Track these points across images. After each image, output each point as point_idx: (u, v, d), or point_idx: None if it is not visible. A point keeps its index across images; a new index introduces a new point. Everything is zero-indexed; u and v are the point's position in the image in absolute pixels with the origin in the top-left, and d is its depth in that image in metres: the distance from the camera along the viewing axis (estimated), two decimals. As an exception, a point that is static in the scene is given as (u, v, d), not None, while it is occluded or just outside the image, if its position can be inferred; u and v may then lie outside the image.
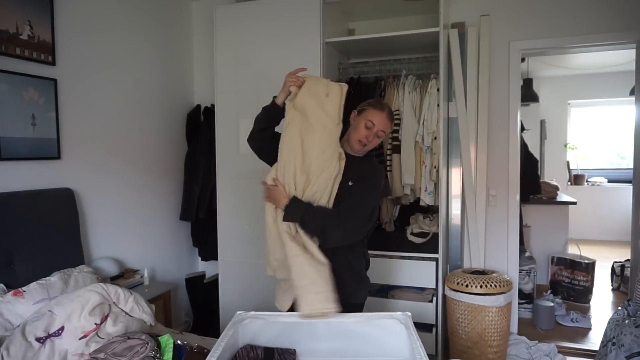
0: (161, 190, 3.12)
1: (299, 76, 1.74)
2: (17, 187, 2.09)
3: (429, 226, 2.69)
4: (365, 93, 2.75)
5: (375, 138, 1.74)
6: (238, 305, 2.49)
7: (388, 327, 1.46)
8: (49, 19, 2.24)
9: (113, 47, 2.68)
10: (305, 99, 1.69)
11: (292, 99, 1.72)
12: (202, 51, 3.42)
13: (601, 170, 6.74)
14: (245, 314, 1.51)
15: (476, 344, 2.52)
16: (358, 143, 1.74)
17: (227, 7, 2.84)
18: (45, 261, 2.08)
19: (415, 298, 2.67)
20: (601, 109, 6.67)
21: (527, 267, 3.53)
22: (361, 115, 1.77)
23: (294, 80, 1.72)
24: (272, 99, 1.81)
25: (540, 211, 4.26)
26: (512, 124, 2.94)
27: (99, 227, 2.58)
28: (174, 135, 3.26)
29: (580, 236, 5.64)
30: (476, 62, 2.90)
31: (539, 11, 2.85)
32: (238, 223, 2.85)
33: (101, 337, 1.67)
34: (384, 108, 1.76)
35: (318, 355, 1.42)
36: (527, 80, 4.96)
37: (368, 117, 1.73)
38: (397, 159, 2.68)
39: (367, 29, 3.05)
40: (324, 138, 1.67)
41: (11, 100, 2.07)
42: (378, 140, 1.76)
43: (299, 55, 2.67)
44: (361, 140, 1.73)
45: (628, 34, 2.70)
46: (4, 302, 1.74)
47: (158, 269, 3.06)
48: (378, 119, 1.72)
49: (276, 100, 1.78)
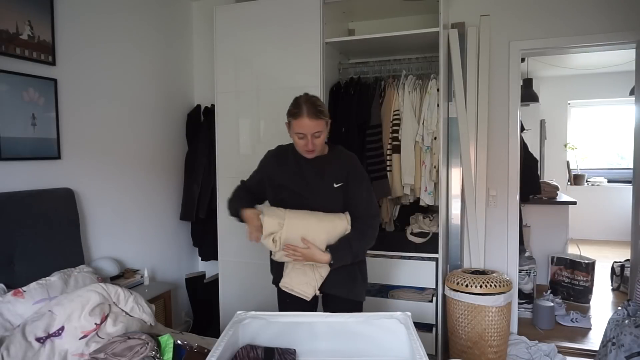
0: (161, 190, 3.12)
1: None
2: (17, 187, 2.09)
3: (429, 226, 2.69)
4: (366, 93, 2.75)
5: (314, 139, 1.68)
6: (238, 305, 2.50)
7: (388, 327, 1.46)
8: (49, 19, 2.24)
9: (113, 47, 2.68)
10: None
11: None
12: (202, 51, 3.42)
13: (601, 170, 6.74)
14: (245, 313, 1.51)
15: (476, 344, 2.52)
16: (306, 153, 1.73)
17: (227, 7, 2.84)
18: (45, 261, 2.08)
19: (415, 298, 2.67)
20: (601, 109, 6.67)
21: (527, 267, 3.53)
22: (290, 129, 1.74)
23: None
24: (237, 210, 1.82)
25: (540, 211, 4.26)
26: (512, 124, 2.94)
27: (99, 227, 2.58)
28: (174, 135, 3.26)
29: (580, 236, 5.64)
30: (476, 62, 2.90)
31: (539, 11, 2.85)
32: (238, 223, 2.84)
33: (101, 337, 1.67)
34: (301, 111, 1.65)
35: (318, 355, 1.42)
36: (527, 80, 4.96)
37: (295, 129, 1.69)
38: (397, 159, 2.68)
39: (367, 29, 3.05)
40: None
41: (11, 100, 2.07)
42: (320, 139, 1.70)
43: (299, 55, 2.67)
44: (306, 150, 1.71)
45: (628, 34, 2.70)
46: (4, 302, 1.74)
47: (158, 269, 3.06)
48: (303, 127, 1.65)
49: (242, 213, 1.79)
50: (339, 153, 1.84)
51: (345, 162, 1.80)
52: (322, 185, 1.76)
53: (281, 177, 1.82)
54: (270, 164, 1.87)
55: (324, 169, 1.77)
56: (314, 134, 1.66)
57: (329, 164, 1.78)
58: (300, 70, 2.67)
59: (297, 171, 1.80)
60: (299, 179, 1.79)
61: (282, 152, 1.87)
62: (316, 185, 1.77)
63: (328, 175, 1.76)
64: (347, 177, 1.76)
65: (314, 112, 1.65)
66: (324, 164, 1.78)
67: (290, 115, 1.71)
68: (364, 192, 1.77)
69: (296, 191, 1.78)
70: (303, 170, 1.79)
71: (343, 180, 1.76)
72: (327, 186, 1.75)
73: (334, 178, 1.75)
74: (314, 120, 1.65)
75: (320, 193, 1.76)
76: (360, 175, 1.80)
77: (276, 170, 1.84)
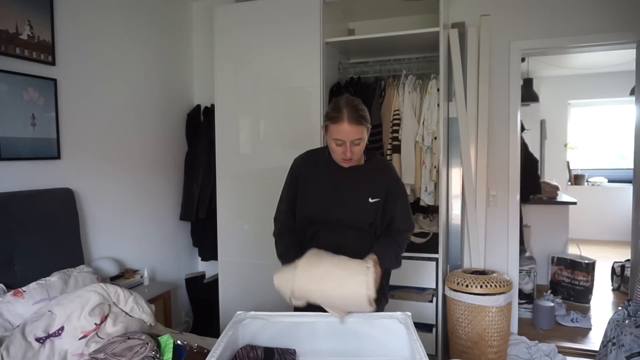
0: (161, 190, 3.12)
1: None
2: (17, 187, 2.09)
3: (429, 226, 2.69)
4: (365, 93, 2.75)
5: (353, 147, 1.54)
6: (238, 305, 2.49)
7: (388, 327, 1.46)
8: (49, 19, 2.24)
9: (113, 47, 2.68)
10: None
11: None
12: (202, 51, 3.42)
13: (601, 170, 6.74)
14: (245, 313, 1.50)
15: (476, 344, 2.52)
16: (342, 161, 1.59)
17: (227, 7, 2.84)
18: (45, 261, 2.08)
19: (415, 298, 2.67)
20: (601, 109, 6.66)
21: (527, 267, 3.53)
22: (327, 133, 1.58)
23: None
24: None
25: (540, 211, 4.26)
26: (512, 124, 2.94)
27: (99, 227, 2.58)
28: (174, 135, 3.26)
29: (580, 236, 5.64)
30: (476, 62, 2.90)
31: (539, 11, 2.85)
32: (238, 223, 2.85)
33: (101, 337, 1.67)
34: (341, 115, 1.50)
35: (318, 355, 1.42)
36: (527, 80, 4.96)
37: (333, 135, 1.54)
38: (397, 159, 2.67)
39: (367, 29, 3.05)
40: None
41: (11, 100, 2.07)
42: (359, 147, 1.56)
43: (299, 55, 2.67)
44: (343, 159, 1.58)
45: (628, 34, 2.70)
46: (4, 302, 1.74)
47: (158, 269, 3.06)
48: (343, 133, 1.51)
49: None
50: (378, 163, 1.70)
51: (385, 176, 1.67)
52: (356, 199, 1.63)
53: (311, 185, 1.68)
54: (302, 171, 1.71)
55: (360, 182, 1.64)
56: (354, 141, 1.52)
57: (366, 176, 1.65)
58: (300, 69, 2.67)
59: (329, 180, 1.66)
60: (331, 188, 1.65)
61: (312, 157, 1.73)
62: (349, 199, 1.63)
63: (365, 188, 1.63)
64: (386, 193, 1.65)
65: (355, 117, 1.50)
66: (360, 175, 1.64)
67: (329, 119, 1.55)
68: (403, 207, 1.68)
69: (323, 202, 1.65)
70: (337, 180, 1.65)
71: (381, 196, 1.63)
72: (361, 201, 1.62)
73: (371, 192, 1.63)
74: (355, 126, 1.50)
75: (353, 207, 1.63)
76: (402, 191, 1.69)
77: (307, 177, 1.69)
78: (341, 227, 1.67)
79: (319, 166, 1.69)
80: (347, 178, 1.65)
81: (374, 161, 1.71)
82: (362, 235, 1.68)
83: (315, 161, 1.71)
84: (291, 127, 2.71)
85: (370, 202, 1.63)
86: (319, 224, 1.68)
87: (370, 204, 1.63)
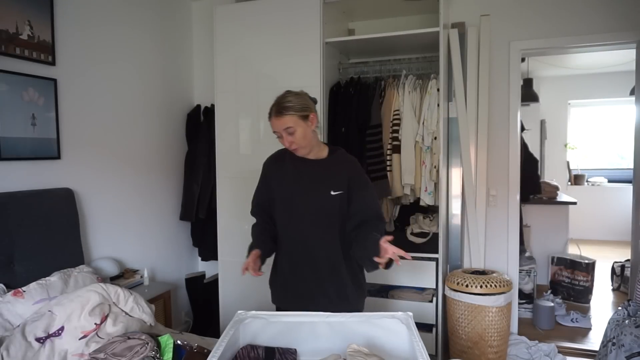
0: (161, 190, 3.12)
1: None
2: (17, 187, 2.08)
3: (429, 226, 2.69)
4: (365, 93, 2.75)
5: (289, 136, 1.64)
6: (238, 305, 2.49)
7: (389, 327, 1.46)
8: (49, 19, 2.24)
9: (113, 47, 2.68)
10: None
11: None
12: (202, 51, 3.42)
13: (601, 170, 6.74)
14: (245, 313, 1.50)
15: (476, 344, 2.52)
16: (294, 151, 1.69)
17: (226, 7, 2.84)
18: (45, 261, 2.08)
19: (415, 298, 2.67)
20: (601, 109, 6.67)
21: (527, 267, 3.53)
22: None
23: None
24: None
25: (540, 211, 4.26)
26: (512, 124, 2.94)
27: (99, 227, 2.58)
28: (174, 135, 3.25)
29: (580, 236, 5.64)
30: (476, 62, 2.90)
31: (539, 11, 2.85)
32: (238, 223, 2.85)
33: (101, 337, 1.67)
34: (270, 112, 1.66)
35: (319, 354, 1.42)
36: (527, 80, 4.96)
37: (272, 130, 1.68)
38: (397, 159, 2.67)
39: (367, 29, 3.05)
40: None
41: (11, 100, 2.06)
42: (296, 135, 1.64)
43: (298, 55, 2.67)
44: (292, 148, 1.67)
45: (628, 34, 2.70)
46: (4, 302, 1.74)
47: (158, 269, 3.06)
48: (273, 126, 1.66)
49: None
50: (339, 157, 1.78)
51: (346, 170, 1.73)
52: (318, 192, 1.70)
53: (277, 182, 1.78)
54: (270, 170, 1.84)
55: (322, 175, 1.72)
56: (286, 129, 1.63)
57: (328, 170, 1.73)
58: (300, 70, 2.67)
59: (293, 175, 1.75)
60: (295, 183, 1.74)
61: (280, 156, 1.83)
62: (312, 191, 1.71)
63: (327, 181, 1.71)
64: (348, 186, 1.70)
65: (277, 110, 1.64)
66: (323, 169, 1.73)
67: (269, 119, 1.70)
68: (369, 198, 1.73)
69: (289, 196, 1.74)
70: (300, 174, 1.74)
71: (343, 189, 1.69)
72: (323, 193, 1.70)
73: (333, 185, 1.69)
74: (280, 117, 1.63)
75: (316, 200, 1.71)
76: (364, 183, 1.75)
77: (274, 175, 1.80)
78: (307, 220, 1.72)
79: (286, 163, 1.78)
80: (310, 172, 1.73)
81: (337, 155, 1.78)
82: (329, 230, 1.72)
83: (282, 159, 1.80)
84: (291, 127, 2.71)
85: (332, 195, 1.69)
86: (289, 218, 1.76)
87: (332, 196, 1.69)
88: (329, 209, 1.70)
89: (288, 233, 1.77)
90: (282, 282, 1.83)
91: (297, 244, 1.75)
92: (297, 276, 1.76)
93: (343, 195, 1.70)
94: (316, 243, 1.72)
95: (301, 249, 1.74)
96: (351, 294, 1.75)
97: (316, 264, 1.72)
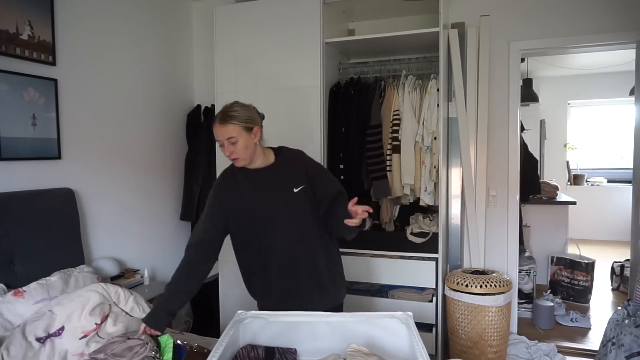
0: (161, 190, 3.12)
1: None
2: (17, 187, 2.09)
3: (428, 226, 2.69)
4: (365, 93, 2.75)
5: (231, 146, 1.62)
6: (238, 305, 2.48)
7: (389, 327, 1.46)
8: (49, 19, 2.24)
9: (113, 47, 2.68)
10: None
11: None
12: (202, 51, 3.42)
13: (601, 170, 6.74)
14: (245, 313, 1.50)
15: (476, 344, 2.52)
16: (235, 162, 1.67)
17: (227, 7, 2.84)
18: (45, 261, 2.08)
19: (415, 298, 2.67)
20: (601, 109, 6.67)
21: (527, 267, 3.53)
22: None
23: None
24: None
25: (540, 211, 4.26)
26: (512, 124, 2.94)
27: (99, 227, 2.58)
28: (174, 135, 3.26)
29: (580, 236, 5.64)
30: (476, 62, 2.90)
31: (539, 11, 2.85)
32: (238, 223, 2.85)
33: (101, 337, 1.67)
34: (216, 118, 1.64)
35: (319, 354, 1.42)
36: (527, 80, 4.96)
37: (215, 137, 1.65)
38: (397, 159, 2.68)
39: (367, 29, 3.05)
40: None
41: (11, 100, 2.07)
42: (238, 145, 1.61)
43: (298, 55, 2.67)
44: (231, 159, 1.66)
45: (628, 34, 2.70)
46: (4, 302, 1.74)
47: (158, 269, 3.06)
48: (216, 133, 1.63)
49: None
50: (287, 156, 1.78)
51: (299, 165, 1.74)
52: (280, 194, 1.69)
53: (236, 199, 1.72)
54: (223, 190, 1.75)
55: (278, 178, 1.71)
56: (229, 139, 1.60)
57: (281, 171, 1.72)
58: (300, 70, 2.67)
59: (250, 189, 1.71)
60: (255, 193, 1.70)
61: (228, 175, 1.79)
62: (275, 194, 1.69)
63: (285, 182, 1.70)
64: (306, 177, 1.71)
65: (222, 118, 1.62)
66: (275, 172, 1.72)
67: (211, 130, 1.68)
68: (327, 180, 1.75)
69: (253, 206, 1.70)
70: (256, 185, 1.71)
71: (304, 183, 1.70)
72: (286, 193, 1.69)
73: (293, 183, 1.69)
74: (223, 125, 1.60)
75: (281, 202, 1.69)
76: (318, 168, 1.79)
77: (230, 194, 1.73)
78: (279, 224, 1.69)
79: (238, 179, 1.74)
80: (266, 179, 1.71)
81: (282, 155, 1.77)
82: (304, 227, 1.71)
83: (234, 177, 1.75)
84: (291, 127, 2.71)
85: (295, 192, 1.68)
86: (257, 229, 1.71)
87: (296, 193, 1.68)
88: (297, 207, 1.69)
89: (260, 244, 1.72)
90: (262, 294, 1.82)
91: (273, 251, 1.71)
92: (281, 283, 1.74)
93: (306, 188, 1.70)
94: (294, 244, 1.70)
95: (280, 254, 1.70)
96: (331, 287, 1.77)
97: (297, 264, 1.71)
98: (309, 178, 1.71)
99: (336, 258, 1.82)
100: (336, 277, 1.81)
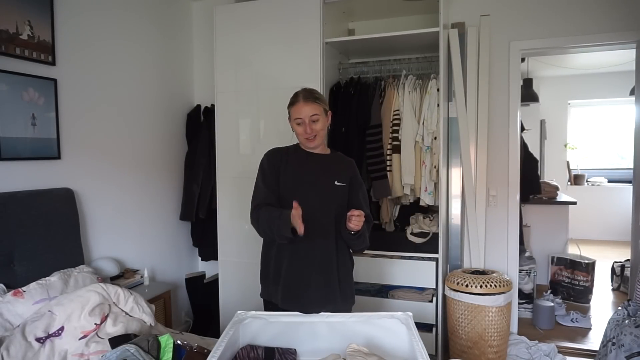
0: (161, 190, 3.12)
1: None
2: (17, 187, 2.09)
3: (429, 226, 2.69)
4: (365, 93, 2.75)
5: (312, 125, 1.71)
6: (238, 305, 2.49)
7: (389, 327, 1.46)
8: (49, 19, 2.24)
9: (113, 47, 2.68)
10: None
11: None
12: (202, 51, 3.42)
13: (601, 170, 6.74)
14: (245, 313, 1.51)
15: (476, 344, 2.52)
16: (307, 141, 1.75)
17: (227, 7, 2.84)
18: (45, 261, 2.08)
19: (415, 298, 2.67)
20: (601, 109, 6.67)
21: (527, 267, 3.53)
22: (291, 121, 1.78)
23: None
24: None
25: (540, 211, 4.26)
26: (512, 124, 2.94)
27: (99, 227, 2.58)
28: (174, 135, 3.26)
29: (580, 236, 5.64)
30: (476, 62, 2.90)
31: (539, 11, 2.85)
32: (238, 223, 2.85)
33: (101, 337, 1.67)
34: (297, 98, 1.73)
35: (319, 354, 1.42)
36: (527, 80, 4.96)
37: (293, 116, 1.74)
38: (397, 159, 2.68)
39: (367, 29, 3.05)
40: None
41: (11, 100, 2.06)
42: (318, 124, 1.71)
43: (298, 55, 2.67)
44: (307, 138, 1.73)
45: (628, 34, 2.70)
46: (4, 302, 1.74)
47: (158, 269, 3.06)
48: (300, 111, 1.71)
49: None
50: (340, 157, 1.89)
51: (348, 167, 1.84)
52: (323, 182, 1.77)
53: (284, 170, 1.78)
54: (275, 159, 1.81)
55: (326, 168, 1.80)
56: (312, 117, 1.69)
57: (331, 165, 1.82)
58: (300, 70, 2.67)
59: (298, 168, 1.78)
60: (302, 170, 1.78)
61: (280, 152, 1.85)
62: (320, 177, 1.77)
63: (332, 172, 1.79)
64: (349, 181, 1.80)
65: (308, 96, 1.71)
66: (326, 162, 1.82)
67: (290, 105, 1.77)
68: (362, 199, 1.82)
69: (297, 182, 1.76)
70: (305, 167, 1.79)
71: (345, 182, 1.79)
72: (329, 182, 1.76)
73: (337, 177, 1.78)
74: (310, 103, 1.70)
75: (321, 189, 1.75)
76: (360, 183, 1.87)
77: (281, 165, 1.80)
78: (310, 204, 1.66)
79: (289, 159, 1.81)
80: (316, 164, 1.80)
81: (337, 155, 1.89)
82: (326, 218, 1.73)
83: (286, 154, 1.83)
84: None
85: (336, 185, 1.76)
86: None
87: (336, 186, 1.76)
88: (331, 198, 1.76)
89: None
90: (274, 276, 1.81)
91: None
92: (293, 266, 1.73)
93: (345, 188, 1.79)
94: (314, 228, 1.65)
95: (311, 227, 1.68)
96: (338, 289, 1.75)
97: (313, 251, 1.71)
98: (350, 183, 1.81)
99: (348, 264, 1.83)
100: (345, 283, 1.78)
